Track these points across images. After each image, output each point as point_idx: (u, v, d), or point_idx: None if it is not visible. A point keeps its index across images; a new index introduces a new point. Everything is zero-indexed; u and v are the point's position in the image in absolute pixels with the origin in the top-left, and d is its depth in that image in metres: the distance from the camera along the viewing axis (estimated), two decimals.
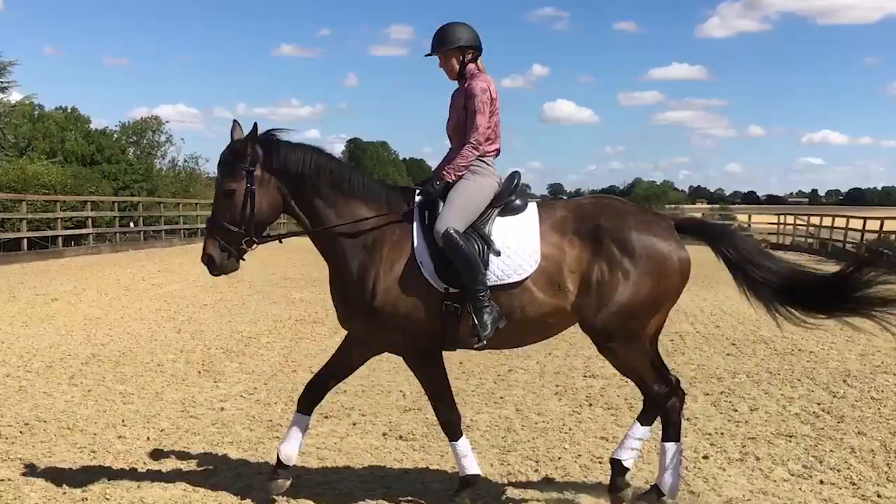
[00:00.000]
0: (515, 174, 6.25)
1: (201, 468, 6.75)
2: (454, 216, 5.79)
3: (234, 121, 5.93)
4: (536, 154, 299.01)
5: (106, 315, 14.83)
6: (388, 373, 10.14)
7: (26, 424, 7.82)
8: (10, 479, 6.37)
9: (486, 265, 5.74)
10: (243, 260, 5.90)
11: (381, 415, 8.34)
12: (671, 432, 6.01)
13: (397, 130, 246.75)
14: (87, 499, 5.98)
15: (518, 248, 5.80)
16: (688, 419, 8.21)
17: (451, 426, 6.03)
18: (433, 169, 6.42)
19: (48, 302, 16.55)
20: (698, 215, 62.16)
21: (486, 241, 5.82)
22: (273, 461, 6.63)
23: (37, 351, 11.40)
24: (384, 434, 7.70)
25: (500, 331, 5.73)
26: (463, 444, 6.03)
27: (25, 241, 28.70)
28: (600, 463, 6.92)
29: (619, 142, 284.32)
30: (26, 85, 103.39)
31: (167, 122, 78.92)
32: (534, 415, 8.41)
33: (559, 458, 7.07)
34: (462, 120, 6.04)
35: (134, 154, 63.52)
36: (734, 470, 6.83)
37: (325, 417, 8.20)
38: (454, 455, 6.10)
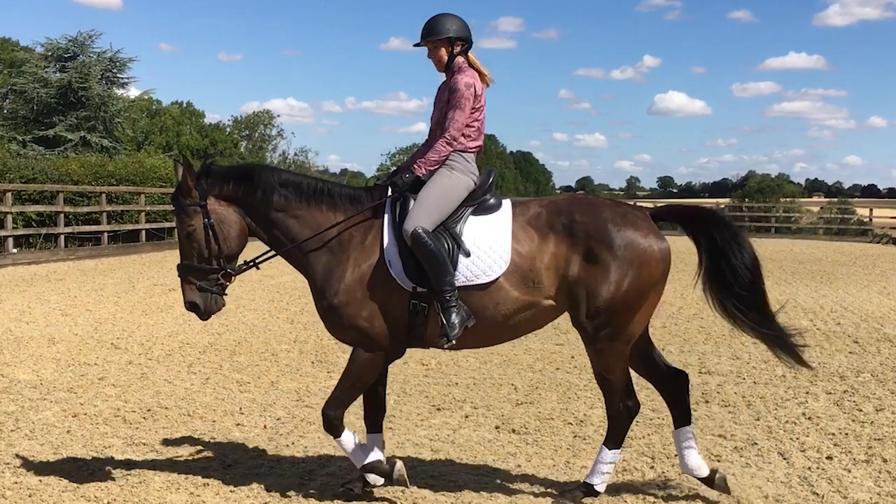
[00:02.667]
0: (491, 171, 6.15)
1: (316, 457, 6.82)
2: (424, 215, 5.68)
3: (175, 161, 5.96)
4: (646, 147, 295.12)
5: None
6: (499, 366, 10.10)
7: (149, 410, 8.03)
8: (134, 463, 6.55)
9: (455, 266, 5.65)
10: (226, 295, 5.84)
11: (493, 408, 8.30)
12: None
13: (505, 124, 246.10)
14: (208, 484, 6.09)
15: (488, 249, 5.70)
16: (809, 418, 7.97)
17: (335, 423, 5.80)
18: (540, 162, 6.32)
19: (166, 292, 17.01)
20: (815, 209, 60.44)
21: (457, 241, 5.73)
22: (385, 452, 6.68)
23: (156, 339, 11.73)
24: (497, 427, 7.66)
25: (474, 329, 5.65)
26: (347, 438, 5.84)
27: (144, 232, 29.62)
28: (718, 461, 6.74)
29: (733, 134, 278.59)
30: (144, 81, 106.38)
31: (278, 115, 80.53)
32: (648, 411, 8.25)
33: (675, 455, 6.90)
34: (445, 113, 5.95)
35: (246, 147, 64.94)
36: (860, 472, 6.58)
37: (438, 409, 8.21)
38: (343, 449, 5.88)
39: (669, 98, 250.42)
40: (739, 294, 5.96)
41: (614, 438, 5.94)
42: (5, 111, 45.26)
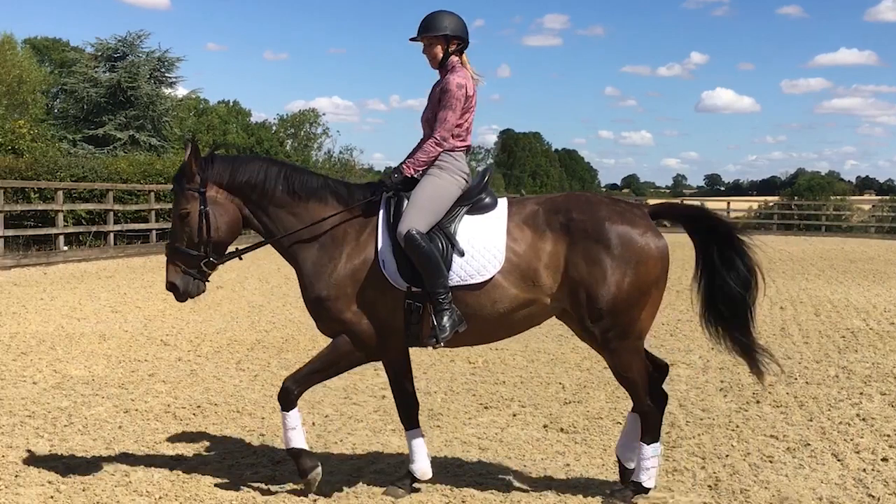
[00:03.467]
0: (487, 170, 6.12)
1: (365, 454, 6.83)
2: (417, 217, 5.66)
3: (186, 140, 5.96)
4: (693, 144, 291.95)
5: (268, 302, 15.28)
6: (546, 364, 10.06)
7: (198, 407, 8.09)
8: (185, 458, 6.61)
9: (449, 266, 5.62)
10: (208, 281, 5.89)
11: (541, 406, 8.26)
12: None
13: (550, 121, 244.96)
14: (258, 480, 6.12)
15: (483, 249, 5.66)
16: (863, 419, 7.84)
17: (290, 396, 5.79)
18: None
19: (213, 290, 17.13)
20: (866, 207, 59.47)
21: (451, 241, 5.69)
22: (432, 450, 6.69)
23: (205, 336, 11.82)
24: (545, 426, 7.62)
25: (473, 327, 5.64)
26: (295, 415, 5.83)
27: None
28: (771, 462, 6.65)
29: (782, 131, 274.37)
30: (192, 80, 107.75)
31: (323, 114, 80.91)
32: (698, 410, 8.17)
33: (727, 456, 6.83)
34: (436, 114, 5.91)
35: (291, 146, 65.34)
36: None
37: (485, 408, 8.19)
38: (284, 426, 5.87)
39: (717, 95, 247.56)
40: (721, 308, 5.99)
41: (650, 433, 5.86)
42: (56, 111, 45.99)
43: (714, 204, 65.02)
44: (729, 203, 55.09)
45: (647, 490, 5.84)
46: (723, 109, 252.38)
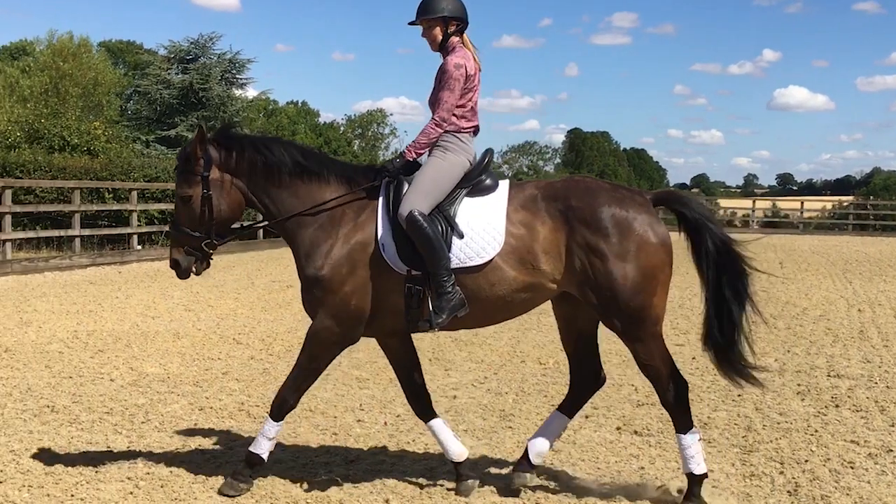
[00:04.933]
0: (488, 152, 6.04)
1: (438, 455, 6.81)
2: (420, 197, 5.62)
3: (199, 125, 6.01)
4: (765, 143, 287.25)
5: None
6: (617, 366, 9.95)
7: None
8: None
9: (449, 248, 5.58)
10: (211, 259, 5.97)
11: (613, 409, 8.18)
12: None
13: (619, 120, 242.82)
14: (332, 479, 6.14)
15: (482, 231, 5.62)
16: None
17: (284, 407, 5.88)
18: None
19: (283, 288, 17.31)
20: None
21: (450, 223, 5.65)
22: (505, 452, 6.66)
23: (276, 335, 11.93)
24: (618, 428, 7.54)
25: (473, 310, 5.63)
26: (276, 427, 5.89)
27: (261, 230, 30.20)
28: (852, 468, 6.49)
29: (857, 129, 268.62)
30: (262, 81, 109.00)
31: (391, 114, 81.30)
32: (775, 414, 8.02)
33: (806, 461, 6.69)
34: (436, 95, 5.87)
35: (359, 146, 65.70)
36: None
37: (584, 417, 8.11)
38: (262, 431, 5.91)
39: (790, 93, 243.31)
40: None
41: (682, 423, 5.78)
42: (129, 112, 46.87)
43: (787, 203, 64.01)
44: (803, 203, 54.14)
45: (704, 476, 5.74)
46: (796, 108, 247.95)
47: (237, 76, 43.80)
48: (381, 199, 5.80)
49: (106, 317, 13.33)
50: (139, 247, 25.03)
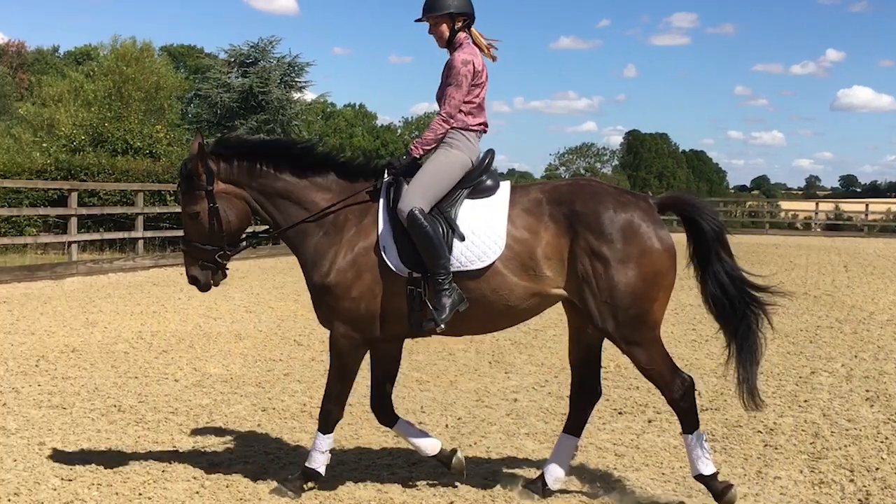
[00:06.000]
0: (489, 153, 5.96)
1: (499, 458, 6.80)
2: (419, 194, 5.59)
3: (196, 131, 5.98)
4: (828, 144, 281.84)
5: None
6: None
7: None
8: None
9: (450, 251, 5.52)
10: (227, 269, 5.99)
11: None
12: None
13: (677, 122, 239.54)
14: (395, 481, 6.16)
15: (483, 234, 5.56)
16: None
17: (330, 419, 5.92)
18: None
19: None
20: None
21: (451, 225, 5.59)
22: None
23: None
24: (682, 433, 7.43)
25: (471, 315, 5.56)
26: (328, 440, 5.92)
27: None
28: None
29: None
30: (320, 84, 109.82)
31: None
32: (843, 421, 7.86)
33: (877, 469, 6.55)
34: (443, 91, 5.82)
35: None
36: None
37: (619, 413, 8.06)
38: (314, 445, 5.93)
39: (854, 93, 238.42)
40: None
41: (689, 423, 5.74)
42: (190, 115, 47.50)
43: (850, 206, 62.86)
44: (867, 205, 53.13)
45: (712, 476, 5.68)
46: (860, 108, 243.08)
47: (296, 79, 44.16)
48: (382, 201, 5.80)
49: (169, 318, 13.51)
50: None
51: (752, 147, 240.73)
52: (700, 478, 5.71)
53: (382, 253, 5.65)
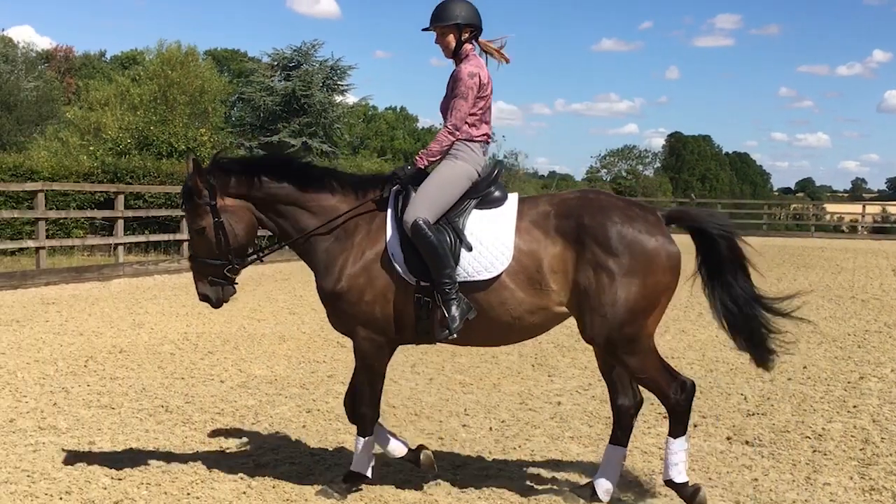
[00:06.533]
0: (498, 164, 5.92)
1: (545, 461, 6.78)
2: (424, 205, 5.59)
3: (193, 158, 6.01)
4: (874, 146, 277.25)
5: None
6: (726, 374, 9.77)
7: None
8: None
9: (457, 260, 5.52)
10: (236, 284, 5.99)
11: (723, 418, 8.01)
12: (620, 436, 5.88)
13: (720, 124, 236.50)
14: (439, 483, 6.16)
15: (490, 245, 5.56)
16: None
17: (366, 422, 5.93)
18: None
19: None
20: None
21: (459, 235, 5.58)
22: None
23: None
24: (728, 438, 7.38)
25: (480, 327, 5.55)
26: (369, 442, 5.92)
27: None
28: None
29: None
30: (362, 88, 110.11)
31: None
32: (893, 427, 7.74)
33: None
34: (449, 103, 5.82)
35: None
36: None
37: (665, 418, 7.98)
38: (357, 449, 5.94)
39: None
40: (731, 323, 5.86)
41: (678, 428, 5.70)
42: (233, 118, 47.86)
43: None
44: None
45: (685, 483, 5.65)
46: None
47: (338, 82, 44.36)
48: (390, 208, 5.82)
49: (214, 319, 13.62)
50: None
51: (797, 149, 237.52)
52: (671, 483, 5.71)
53: (392, 259, 5.69)
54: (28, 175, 24.63)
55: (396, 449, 6.15)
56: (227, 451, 6.88)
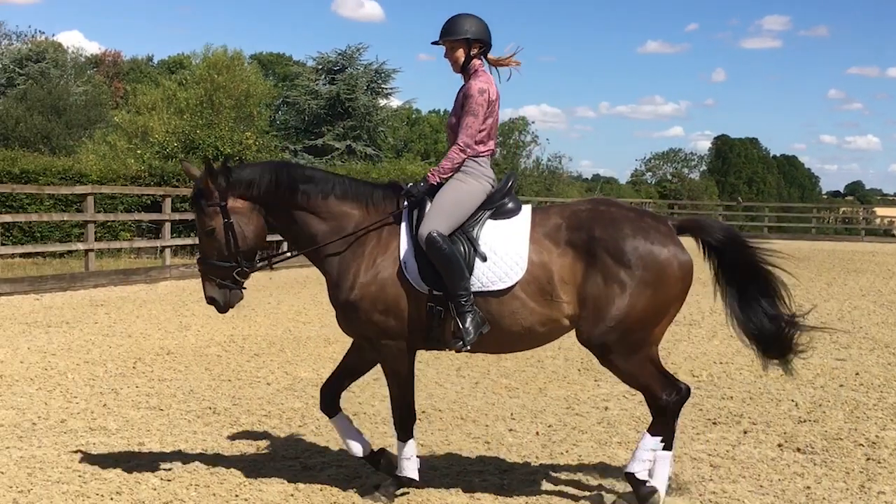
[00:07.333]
0: (511, 176, 5.94)
1: (591, 465, 6.72)
2: (439, 219, 5.59)
3: (206, 158, 5.97)
4: None
5: None
6: (776, 380, 9.62)
7: (423, 412, 8.19)
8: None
9: (471, 270, 5.53)
10: (244, 288, 5.93)
11: (773, 424, 7.89)
12: (662, 427, 5.80)
13: (768, 127, 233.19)
14: (486, 488, 6.14)
15: (505, 255, 5.56)
16: None
17: (405, 425, 5.97)
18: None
19: None
20: None
21: (474, 245, 5.58)
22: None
23: None
24: (779, 445, 7.27)
25: (491, 336, 5.57)
26: (410, 445, 5.95)
27: None
28: None
29: None
30: (406, 91, 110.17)
31: (532, 122, 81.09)
32: None
33: None
34: (459, 119, 5.82)
35: (500, 154, 65.67)
36: None
37: (714, 423, 7.91)
38: (400, 455, 5.95)
39: None
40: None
41: (659, 428, 5.77)
42: (278, 122, 48.24)
43: None
44: None
45: (644, 481, 5.71)
46: None
47: (382, 86, 44.62)
48: (404, 221, 5.83)
49: (259, 321, 13.71)
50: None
51: (846, 152, 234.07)
52: (630, 476, 5.76)
53: (403, 269, 5.70)
54: (77, 178, 25.01)
55: (356, 448, 6.17)
56: (275, 453, 6.90)
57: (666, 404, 5.72)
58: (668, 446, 5.88)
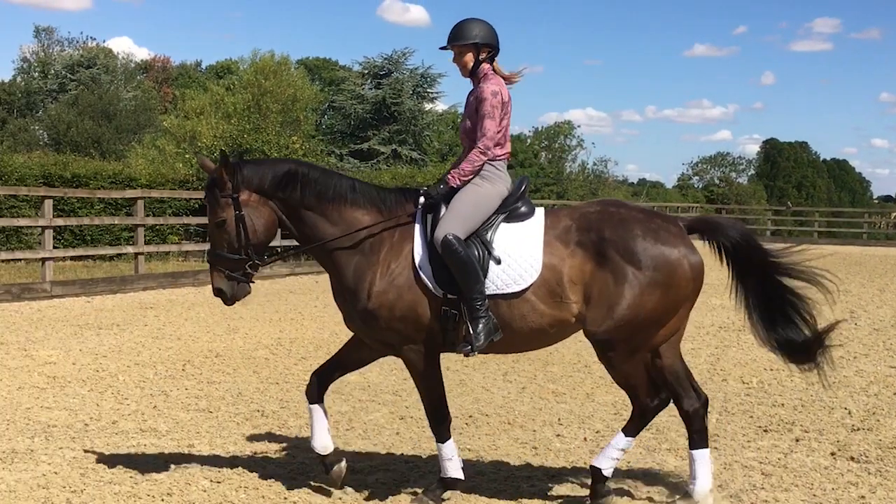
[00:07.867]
0: (524, 179, 5.91)
1: (641, 470, 6.67)
2: (456, 223, 5.56)
3: (222, 150, 5.94)
4: None
5: None
6: (828, 388, 9.46)
7: (470, 417, 8.20)
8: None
9: (486, 273, 5.51)
10: (253, 283, 5.89)
11: (826, 432, 7.77)
12: (697, 439, 5.83)
13: (818, 130, 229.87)
14: (534, 494, 6.11)
15: (519, 258, 5.55)
16: None
17: (441, 427, 5.94)
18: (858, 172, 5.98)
19: None
20: None
21: (488, 249, 5.56)
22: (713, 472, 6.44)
23: None
24: (832, 453, 7.15)
25: (503, 339, 5.59)
26: (449, 446, 5.92)
27: None
28: None
29: None
30: (451, 95, 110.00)
31: (578, 126, 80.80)
32: None
33: None
34: (475, 124, 5.76)
35: (546, 158, 65.46)
36: None
37: (765, 431, 7.81)
38: (441, 456, 5.95)
39: None
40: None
41: (633, 428, 5.93)
42: (325, 126, 48.50)
43: None
44: None
45: (605, 478, 5.81)
46: None
47: (428, 90, 44.73)
48: (418, 224, 5.81)
49: (306, 325, 13.78)
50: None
51: None
52: (595, 470, 5.86)
53: (419, 272, 5.69)
54: (127, 182, 25.34)
55: (319, 443, 6.14)
56: None
57: (645, 407, 5.84)
58: (704, 444, 5.86)
